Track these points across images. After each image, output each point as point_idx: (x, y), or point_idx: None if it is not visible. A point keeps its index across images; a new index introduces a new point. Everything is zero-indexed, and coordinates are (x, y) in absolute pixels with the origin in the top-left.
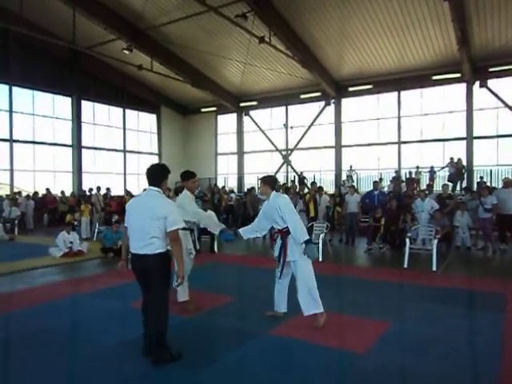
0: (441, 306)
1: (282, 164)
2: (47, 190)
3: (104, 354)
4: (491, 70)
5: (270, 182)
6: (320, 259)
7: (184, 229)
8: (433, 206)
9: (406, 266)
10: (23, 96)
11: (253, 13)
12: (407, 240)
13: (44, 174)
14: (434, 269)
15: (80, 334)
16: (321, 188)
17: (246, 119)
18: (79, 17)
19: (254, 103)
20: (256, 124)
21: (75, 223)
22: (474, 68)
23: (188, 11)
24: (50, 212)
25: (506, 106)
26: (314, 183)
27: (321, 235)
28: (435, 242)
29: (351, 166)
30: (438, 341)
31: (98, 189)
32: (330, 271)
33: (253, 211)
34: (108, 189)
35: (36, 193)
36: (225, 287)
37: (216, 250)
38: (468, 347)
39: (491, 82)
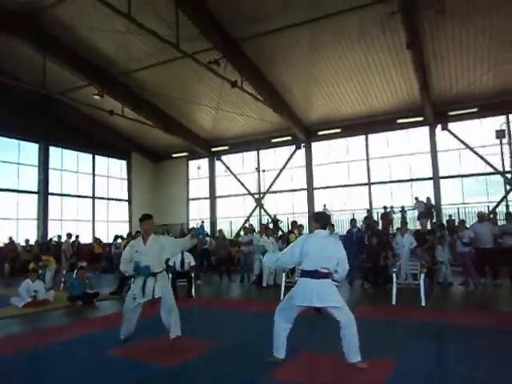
0: (441, 341)
1: (255, 207)
2: (10, 238)
3: None
4: (451, 113)
5: (318, 218)
6: None
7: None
8: (412, 241)
9: (394, 302)
10: None
11: (225, 59)
12: (394, 275)
13: (6, 221)
14: (423, 304)
15: None
16: (301, 226)
17: (217, 164)
18: (49, 63)
19: (226, 148)
20: (228, 168)
21: (40, 272)
22: (436, 112)
23: (160, 58)
24: (11, 261)
25: (467, 147)
26: (295, 222)
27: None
28: (422, 276)
29: (325, 205)
30: (450, 376)
31: (69, 236)
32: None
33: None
34: (77, 236)
35: None
36: (207, 332)
37: (193, 294)
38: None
39: (452, 125)
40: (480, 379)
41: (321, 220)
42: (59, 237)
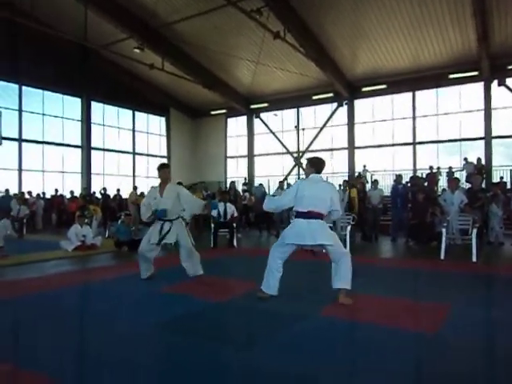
0: (495, 291)
1: (294, 166)
2: (56, 190)
3: (141, 333)
4: (510, 67)
5: (313, 163)
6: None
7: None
8: (462, 199)
9: (442, 257)
10: (33, 95)
11: (267, 8)
12: (443, 230)
13: (53, 174)
14: (474, 260)
15: (111, 314)
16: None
17: (256, 121)
18: (90, 16)
19: (265, 105)
20: (267, 126)
21: (86, 220)
22: (493, 66)
23: (201, 8)
24: (59, 212)
25: None
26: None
27: (348, 227)
28: (474, 231)
29: (365, 166)
30: (507, 322)
31: (135, 188)
32: (360, 262)
33: (259, 208)
34: (118, 190)
35: (43, 193)
36: (254, 275)
37: (235, 244)
38: None
39: (510, 81)
40: None
41: (316, 165)
42: (104, 189)
